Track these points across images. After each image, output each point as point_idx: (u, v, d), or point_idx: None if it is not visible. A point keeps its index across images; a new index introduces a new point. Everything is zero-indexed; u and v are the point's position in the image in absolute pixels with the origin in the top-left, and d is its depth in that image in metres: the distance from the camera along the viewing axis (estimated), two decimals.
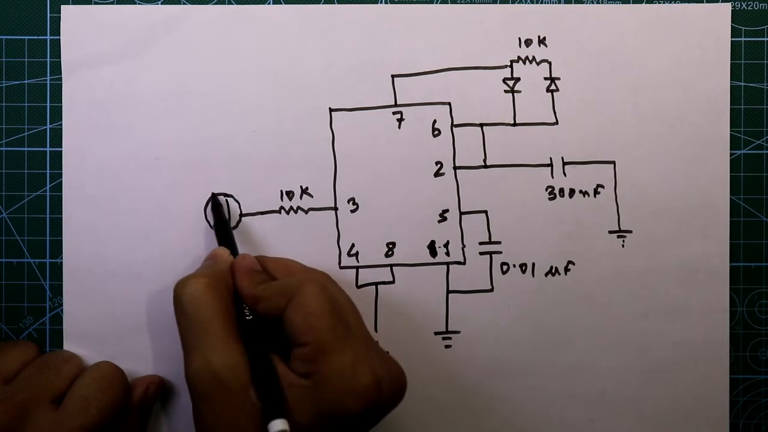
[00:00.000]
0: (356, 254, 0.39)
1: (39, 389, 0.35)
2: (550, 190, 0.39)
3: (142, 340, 0.39)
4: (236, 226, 0.39)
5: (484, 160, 0.39)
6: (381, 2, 0.39)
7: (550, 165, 0.39)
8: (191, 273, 0.35)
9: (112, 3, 0.39)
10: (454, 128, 0.39)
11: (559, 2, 0.40)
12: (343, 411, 0.31)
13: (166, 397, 0.39)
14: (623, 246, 0.39)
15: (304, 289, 0.33)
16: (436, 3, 0.39)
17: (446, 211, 0.39)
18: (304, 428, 0.31)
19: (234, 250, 0.37)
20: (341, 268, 0.39)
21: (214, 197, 0.38)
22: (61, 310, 0.39)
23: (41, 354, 0.38)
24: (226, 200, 0.39)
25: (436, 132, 0.39)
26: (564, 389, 0.40)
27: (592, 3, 0.40)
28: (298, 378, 0.32)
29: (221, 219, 0.38)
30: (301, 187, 0.39)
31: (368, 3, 0.39)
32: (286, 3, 0.39)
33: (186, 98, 0.39)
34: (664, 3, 0.39)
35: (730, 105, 0.40)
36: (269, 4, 0.39)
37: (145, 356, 0.39)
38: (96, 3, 0.39)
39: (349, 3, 0.39)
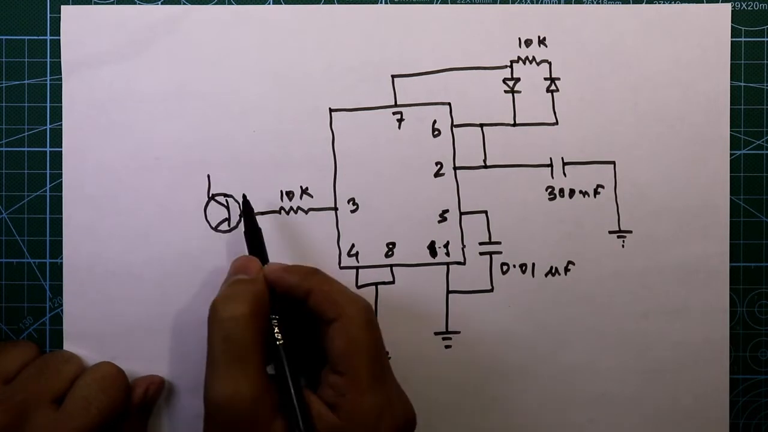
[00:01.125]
0: (356, 254, 0.39)
1: (39, 389, 0.35)
2: (550, 190, 0.39)
3: (142, 340, 0.39)
4: (236, 226, 0.39)
5: (484, 161, 0.39)
6: (381, 2, 0.39)
7: (550, 165, 0.39)
8: (230, 291, 0.34)
9: (112, 3, 0.39)
10: (454, 128, 0.39)
11: (559, 2, 0.40)
12: None
13: (167, 397, 0.39)
14: (623, 246, 0.39)
15: (353, 310, 0.33)
16: (436, 3, 0.39)
17: (446, 211, 0.39)
18: None
19: (265, 259, 0.36)
20: (341, 268, 0.39)
21: (246, 203, 0.37)
22: (61, 310, 0.39)
23: (41, 354, 0.38)
24: (226, 200, 0.39)
25: (436, 132, 0.39)
26: (564, 389, 0.40)
27: (592, 3, 0.40)
28: (327, 410, 0.32)
29: (254, 226, 0.37)
30: (301, 187, 0.39)
31: (368, 3, 0.39)
32: (286, 3, 0.39)
33: (186, 98, 0.39)
34: (664, 3, 0.39)
35: (730, 105, 0.40)
36: (269, 4, 0.39)
37: (145, 356, 0.39)
38: (96, 3, 0.39)
39: (349, 3, 0.39)
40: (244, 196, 0.37)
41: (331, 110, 0.39)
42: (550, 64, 0.39)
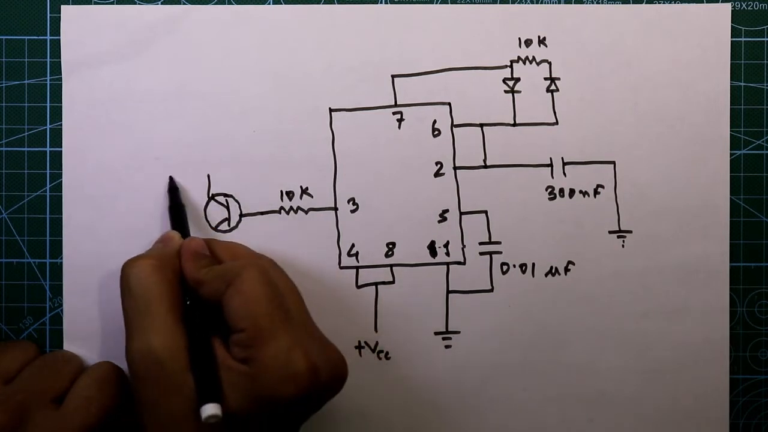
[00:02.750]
0: (356, 254, 0.39)
1: (39, 389, 0.35)
2: (550, 190, 0.39)
3: None
4: (236, 226, 0.39)
5: (484, 160, 0.39)
6: (381, 2, 0.39)
7: (550, 165, 0.39)
8: (140, 254, 0.35)
9: (112, 3, 0.39)
10: (454, 128, 0.39)
11: (559, 2, 0.40)
12: (279, 397, 0.31)
13: None
14: (623, 246, 0.39)
15: (243, 274, 0.33)
16: (436, 3, 0.39)
17: (446, 211, 0.39)
18: (242, 413, 0.31)
19: (186, 234, 0.37)
20: (341, 268, 0.39)
21: (171, 180, 0.38)
22: (61, 310, 0.39)
23: (41, 354, 0.38)
24: (226, 200, 0.39)
25: (436, 132, 0.39)
26: (564, 389, 0.40)
27: (592, 3, 0.40)
28: (237, 363, 0.32)
29: (176, 202, 0.38)
30: (301, 187, 0.39)
31: (368, 3, 0.39)
32: (286, 3, 0.39)
33: (186, 98, 0.39)
34: (664, 3, 0.39)
35: (730, 105, 0.40)
36: (269, 4, 0.39)
37: None
38: (96, 3, 0.39)
39: (349, 3, 0.39)
40: (171, 178, 0.38)
41: (331, 110, 0.39)
42: (550, 64, 0.39)
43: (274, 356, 0.31)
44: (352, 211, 0.39)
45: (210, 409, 0.30)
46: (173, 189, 0.38)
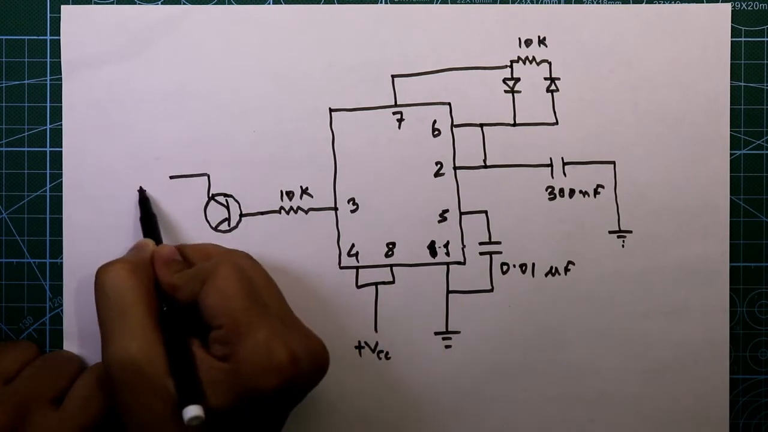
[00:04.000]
0: (356, 254, 0.39)
1: (39, 389, 0.35)
2: (550, 190, 0.39)
3: None
4: (236, 226, 0.39)
5: (484, 160, 0.39)
6: (381, 2, 0.39)
7: (550, 165, 0.39)
8: (113, 260, 0.35)
9: (112, 3, 0.39)
10: (454, 128, 0.39)
11: (559, 2, 0.40)
12: (261, 389, 0.31)
13: None
14: (623, 246, 0.39)
15: (217, 272, 0.33)
16: (436, 3, 0.39)
17: (446, 211, 0.39)
18: (226, 411, 0.31)
19: (158, 242, 0.37)
20: (341, 268, 0.39)
21: (141, 191, 0.38)
22: (61, 310, 0.39)
23: (41, 354, 0.38)
24: (226, 200, 0.39)
25: (436, 132, 0.39)
26: (564, 389, 0.40)
27: (592, 3, 0.40)
28: (216, 361, 0.32)
29: (147, 212, 0.38)
30: (301, 187, 0.39)
31: (368, 3, 0.39)
32: (286, 3, 0.39)
33: (186, 98, 0.39)
34: (664, 3, 0.39)
35: (730, 105, 0.40)
36: (269, 4, 0.39)
37: None
38: (96, 3, 0.39)
39: (349, 3, 0.39)
40: (141, 189, 0.38)
41: (331, 110, 0.39)
42: (550, 64, 0.39)
43: (253, 349, 0.31)
44: (352, 211, 0.39)
45: (192, 411, 0.30)
46: (144, 200, 0.38)
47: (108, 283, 0.33)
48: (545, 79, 0.39)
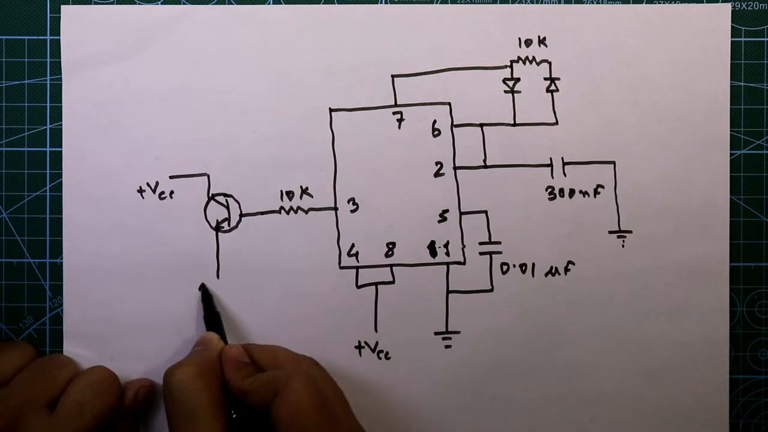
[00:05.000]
0: (356, 254, 0.39)
1: (34, 394, 0.35)
2: (550, 190, 0.39)
3: (142, 340, 0.39)
4: (236, 226, 0.39)
5: (484, 160, 0.39)
6: (381, 2, 0.39)
7: (550, 165, 0.39)
8: (182, 360, 0.35)
9: (112, 3, 0.39)
10: (454, 128, 0.39)
11: (559, 2, 0.40)
12: None
13: (159, 400, 0.39)
14: (623, 246, 0.39)
15: (290, 384, 0.33)
16: (436, 3, 0.39)
17: (446, 211, 0.39)
18: None
19: (223, 338, 0.37)
20: (341, 268, 0.39)
21: (204, 289, 0.38)
22: (61, 310, 0.39)
23: (38, 356, 0.38)
24: (226, 200, 0.39)
25: (436, 132, 0.39)
26: (564, 389, 0.40)
27: (592, 3, 0.40)
28: None
29: (212, 310, 0.38)
30: (301, 187, 0.39)
31: (368, 3, 0.39)
32: (286, 3, 0.39)
33: (186, 98, 0.39)
34: (664, 3, 0.39)
35: (730, 105, 0.40)
36: (269, 4, 0.39)
37: (145, 356, 0.39)
38: (96, 3, 0.39)
39: (349, 3, 0.39)
40: (203, 286, 0.38)
41: (331, 110, 0.39)
42: (550, 64, 0.39)
43: None
44: (352, 211, 0.39)
45: None
46: (207, 297, 0.38)
47: (176, 386, 0.33)
48: (545, 79, 0.39)
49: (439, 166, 0.39)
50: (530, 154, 0.39)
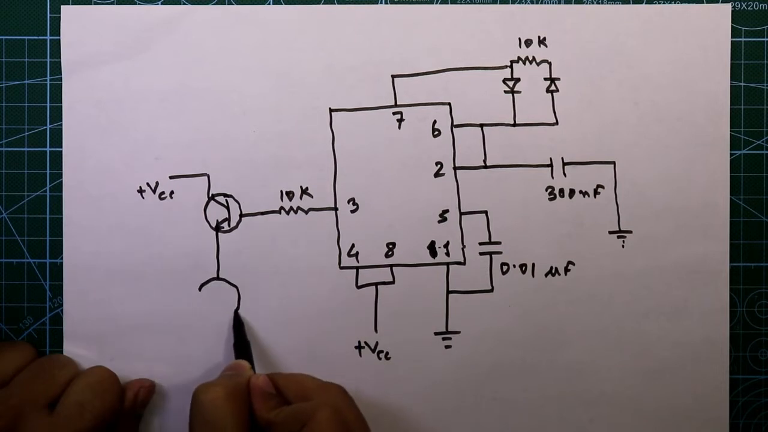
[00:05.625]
0: (356, 254, 0.39)
1: (34, 394, 0.35)
2: (550, 190, 0.39)
3: (142, 340, 0.39)
4: (236, 226, 0.39)
5: (484, 161, 0.39)
6: (381, 2, 0.39)
7: (550, 165, 0.39)
8: (213, 380, 0.35)
9: (112, 3, 0.39)
10: (454, 128, 0.39)
11: (559, 2, 0.40)
12: None
13: (160, 400, 0.39)
14: (623, 246, 0.39)
15: (316, 416, 0.33)
16: (436, 3, 0.39)
17: (446, 211, 0.39)
18: None
19: (252, 367, 0.37)
20: (341, 268, 0.39)
21: (236, 315, 0.38)
22: (61, 311, 0.39)
23: (38, 356, 0.38)
24: (226, 200, 0.39)
25: (436, 132, 0.39)
26: (564, 389, 0.40)
27: (592, 3, 0.40)
28: None
29: (243, 339, 0.38)
30: (301, 187, 0.39)
31: (368, 3, 0.39)
32: (286, 3, 0.39)
33: (186, 98, 0.39)
34: (664, 3, 0.39)
35: (730, 105, 0.40)
36: (269, 4, 0.39)
37: (145, 356, 0.39)
38: (96, 3, 0.39)
39: (349, 3, 0.39)
40: (236, 313, 0.38)
41: (331, 110, 0.39)
42: (550, 64, 0.39)
43: None
44: (352, 211, 0.39)
45: None
46: (239, 325, 0.38)
47: (209, 405, 0.33)
48: (545, 79, 0.39)
49: (439, 166, 0.39)
50: (530, 154, 0.39)
